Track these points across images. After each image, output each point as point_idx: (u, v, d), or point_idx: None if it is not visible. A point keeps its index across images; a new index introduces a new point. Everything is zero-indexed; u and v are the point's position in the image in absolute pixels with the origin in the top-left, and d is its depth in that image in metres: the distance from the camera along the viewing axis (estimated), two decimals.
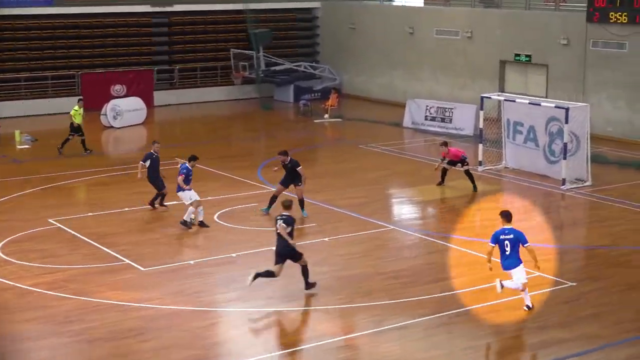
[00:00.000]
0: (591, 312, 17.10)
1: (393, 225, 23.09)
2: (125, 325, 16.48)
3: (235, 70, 45.82)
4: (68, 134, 32.36)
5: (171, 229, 22.64)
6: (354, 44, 46.50)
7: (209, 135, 37.30)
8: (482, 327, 16.38)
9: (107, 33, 43.99)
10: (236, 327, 16.60)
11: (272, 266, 17.99)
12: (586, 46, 35.45)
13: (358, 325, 16.64)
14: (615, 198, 25.72)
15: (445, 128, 36.51)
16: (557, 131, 27.80)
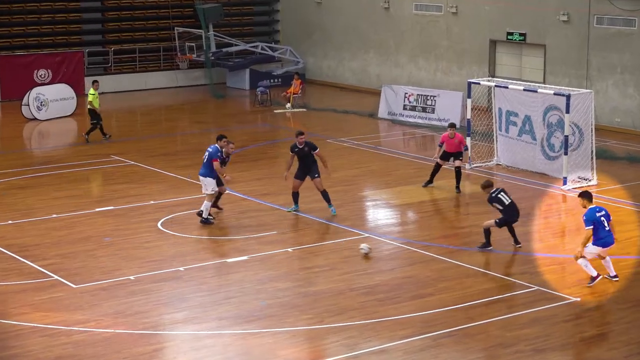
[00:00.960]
0: (596, 331, 17.33)
1: (368, 233, 23.22)
2: (54, 352, 16.43)
3: (181, 53, 45.82)
4: (90, 121, 33.44)
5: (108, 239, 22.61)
6: (321, 21, 46.66)
7: (150, 128, 37.29)
8: (471, 351, 16.54)
9: (28, 9, 43.78)
10: (185, 353, 16.63)
11: None
12: (589, 23, 35.85)
13: (328, 349, 16.74)
14: (624, 199, 26.05)
15: (427, 119, 36.76)
16: (557, 122, 28.10)
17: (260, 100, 41.51)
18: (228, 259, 21.22)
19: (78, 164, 30.39)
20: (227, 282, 19.84)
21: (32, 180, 28.42)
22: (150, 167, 29.55)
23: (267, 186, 26.20)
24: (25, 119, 37.76)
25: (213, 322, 17.80)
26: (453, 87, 39.04)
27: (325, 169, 24.55)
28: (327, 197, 24.44)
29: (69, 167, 29.95)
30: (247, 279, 20.07)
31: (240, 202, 25.58)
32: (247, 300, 18.81)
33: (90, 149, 32.66)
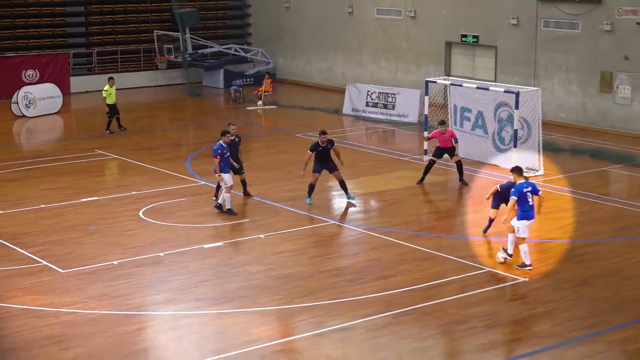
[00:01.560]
0: (543, 309, 17.49)
1: (333, 220, 23.31)
2: (42, 332, 16.41)
3: (160, 54, 45.67)
4: (107, 115, 33.64)
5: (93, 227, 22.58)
6: (290, 24, 46.64)
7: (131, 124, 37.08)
8: (429, 327, 16.67)
9: (17, 13, 43.50)
10: (165, 332, 16.65)
11: None
12: (537, 26, 36.07)
13: (298, 327, 16.81)
14: (567, 188, 26.27)
15: (388, 115, 36.86)
16: (507, 117, 28.28)
17: (233, 98, 41.49)
18: (204, 245, 21.24)
19: (64, 157, 30.28)
20: (204, 266, 19.86)
21: (21, 173, 28.29)
22: (132, 161, 29.49)
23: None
24: (15, 116, 37.54)
25: (191, 303, 17.84)
26: (412, 85, 39.14)
27: (339, 161, 24.64)
28: (345, 187, 24.53)
29: (56, 160, 29.84)
30: (222, 263, 20.11)
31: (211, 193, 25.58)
32: (222, 283, 18.87)
33: (75, 144, 32.54)
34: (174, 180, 27.03)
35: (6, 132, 35.52)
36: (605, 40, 34.21)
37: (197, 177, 27.24)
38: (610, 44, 34.09)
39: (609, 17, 33.95)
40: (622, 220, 23.33)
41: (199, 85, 45.48)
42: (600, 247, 21.26)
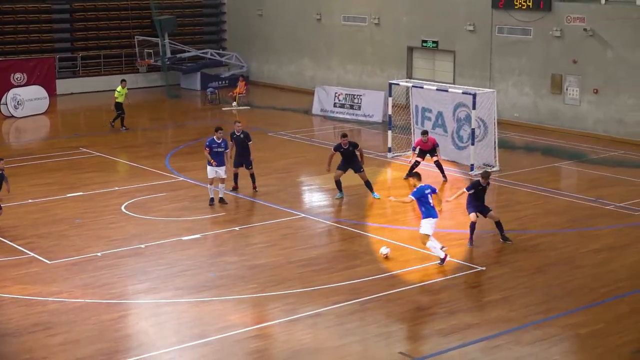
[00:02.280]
0: (500, 296, 17.51)
1: (304, 214, 23.22)
2: (31, 320, 16.23)
3: (140, 58, 45.38)
4: (116, 112, 34.06)
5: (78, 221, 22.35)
6: (262, 30, 46.48)
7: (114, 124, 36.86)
8: (394, 314, 16.63)
9: (5, 20, 43.04)
10: (146, 319, 16.51)
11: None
12: (492, 32, 36.15)
13: (270, 314, 16.73)
14: (522, 182, 26.34)
15: (354, 115, 36.80)
16: (465, 117, 28.31)
17: (210, 100, 41.26)
18: (183, 237, 21.09)
19: (51, 155, 29.99)
20: (183, 257, 19.71)
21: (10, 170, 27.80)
22: (114, 158, 29.24)
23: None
24: (4, 116, 37.16)
25: (170, 292, 17.70)
26: (376, 87, 39.10)
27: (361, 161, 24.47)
28: (370, 186, 24.38)
29: (42, 158, 29.55)
30: (200, 254, 19.98)
31: (193, 187, 25.43)
32: (199, 273, 18.74)
33: (61, 143, 32.24)
34: (154, 177, 26.82)
35: None
36: (556, 45, 34.33)
37: (176, 174, 27.05)
38: (560, 49, 34.22)
39: (558, 24, 34.07)
40: (573, 213, 23.40)
41: (177, 87, 45.22)
42: (553, 237, 21.30)
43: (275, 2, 45.72)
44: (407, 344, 15.68)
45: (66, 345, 15.22)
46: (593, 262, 19.50)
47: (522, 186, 26.00)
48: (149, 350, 15.15)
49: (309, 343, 15.39)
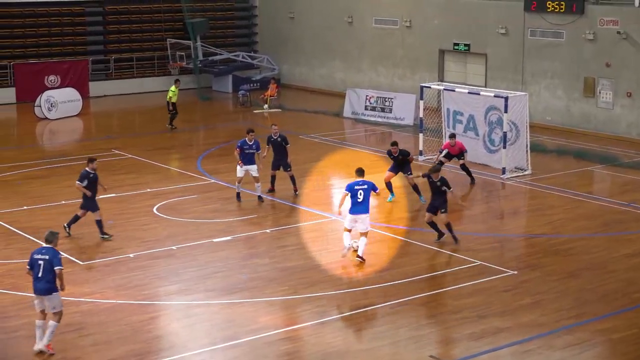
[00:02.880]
0: (531, 300, 17.41)
1: (335, 216, 23.20)
2: (64, 320, 16.26)
3: (172, 61, 45.59)
4: (168, 111, 34.80)
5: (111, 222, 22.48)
6: (293, 33, 46.56)
7: (146, 126, 37.11)
8: (424, 317, 16.60)
9: (40, 22, 43.43)
10: (177, 320, 16.58)
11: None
12: (524, 35, 35.97)
13: (301, 316, 16.74)
14: (554, 186, 26.18)
15: (385, 118, 36.76)
16: (497, 120, 28.18)
17: (241, 102, 41.36)
18: (215, 239, 21.16)
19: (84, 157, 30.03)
20: (214, 259, 19.79)
21: (43, 171, 28.22)
22: (146, 160, 29.39)
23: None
24: (38, 118, 37.46)
25: (202, 293, 17.77)
26: (407, 90, 39.02)
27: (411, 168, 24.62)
28: (418, 190, 24.33)
29: (75, 159, 29.70)
30: (231, 256, 20.04)
31: (225, 190, 25.50)
32: (231, 275, 18.80)
33: (94, 144, 32.45)
34: (186, 179, 26.94)
35: (30, 134, 35.45)
36: (588, 48, 34.10)
37: (207, 176, 27.14)
38: (592, 52, 33.99)
39: (591, 27, 33.84)
40: (605, 217, 23.23)
41: (209, 89, 45.37)
42: (586, 242, 21.16)
43: (306, 5, 45.78)
44: (437, 347, 15.64)
45: (98, 346, 15.33)
46: (626, 267, 19.34)
47: (554, 190, 25.84)
48: (180, 351, 15.21)
49: (339, 346, 15.39)
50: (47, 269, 14.75)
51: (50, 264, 14.76)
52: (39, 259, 14.80)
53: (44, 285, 14.78)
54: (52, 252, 14.89)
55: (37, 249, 15.14)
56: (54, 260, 14.80)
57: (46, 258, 14.78)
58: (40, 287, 14.83)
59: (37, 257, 14.86)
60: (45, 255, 14.83)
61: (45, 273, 14.73)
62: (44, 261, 14.78)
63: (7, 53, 42.33)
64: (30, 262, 14.99)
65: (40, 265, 14.75)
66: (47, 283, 14.77)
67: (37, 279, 14.84)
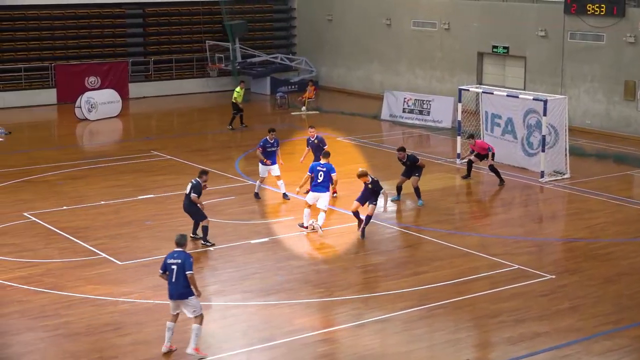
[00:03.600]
0: (569, 305, 17.28)
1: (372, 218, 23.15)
2: (102, 319, 16.49)
3: (211, 62, 45.79)
4: (232, 112, 35.73)
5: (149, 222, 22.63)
6: (331, 35, 46.57)
7: (184, 127, 37.31)
8: (461, 320, 16.53)
9: (81, 24, 43.83)
10: (214, 321, 16.64)
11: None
12: (564, 38, 35.70)
13: (337, 318, 16.74)
14: (593, 190, 25.95)
15: (423, 120, 36.65)
16: (536, 123, 27.99)
17: (279, 104, 41.46)
18: (252, 240, 21.22)
19: (123, 158, 30.42)
20: (251, 260, 19.84)
21: (84, 171, 28.46)
22: (185, 161, 29.54)
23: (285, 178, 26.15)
24: (78, 119, 37.78)
25: (239, 294, 17.83)
26: (446, 93, 38.88)
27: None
28: (419, 194, 24.46)
29: (115, 160, 29.99)
30: (268, 258, 20.08)
31: (262, 191, 25.53)
32: (268, 276, 18.84)
33: (133, 145, 32.70)
34: (223, 180, 27.03)
35: (70, 134, 35.77)
36: (629, 51, 33.77)
37: (245, 177, 27.22)
38: (633, 55, 33.65)
39: (632, 30, 33.51)
40: None
41: (247, 91, 45.43)
42: (625, 246, 20.95)
43: (345, 7, 45.79)
44: (474, 351, 15.56)
45: (136, 346, 15.43)
46: None
47: (593, 194, 25.61)
48: (217, 352, 15.27)
49: (376, 348, 15.37)
50: (180, 273, 14.83)
51: (183, 268, 14.83)
52: (172, 264, 14.88)
53: (179, 289, 14.85)
54: (183, 255, 14.97)
55: (170, 253, 15.12)
56: (186, 264, 14.86)
57: (178, 262, 14.87)
58: (175, 292, 14.91)
59: (170, 261, 14.93)
60: (177, 259, 14.91)
61: (179, 278, 14.80)
62: (176, 265, 14.87)
63: (49, 54, 42.78)
64: (163, 266, 15.08)
65: (174, 270, 14.84)
66: (182, 288, 14.83)
67: (171, 284, 14.93)
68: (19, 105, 40.78)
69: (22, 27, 42.43)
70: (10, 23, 42.17)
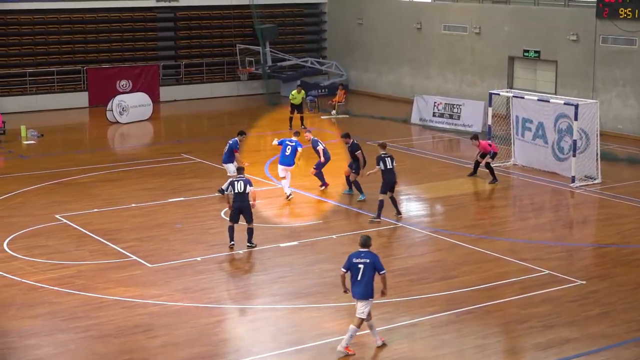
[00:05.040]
0: (599, 311, 17.15)
1: (401, 223, 23.15)
2: (132, 321, 16.58)
3: (242, 66, 45.94)
4: (290, 113, 36.67)
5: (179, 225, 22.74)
6: (362, 39, 46.57)
7: (215, 131, 37.41)
8: (490, 326, 16.46)
9: (113, 28, 44.13)
10: (243, 324, 16.70)
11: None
12: (596, 42, 35.48)
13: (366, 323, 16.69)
14: (624, 196, 25.76)
15: (453, 125, 36.55)
16: (567, 128, 27.84)
17: (309, 108, 41.45)
18: (281, 244, 21.26)
19: (154, 160, 30.60)
20: (280, 264, 19.88)
21: (114, 174, 28.64)
22: (214, 164, 29.63)
23: (314, 182, 26.18)
24: (109, 122, 38.03)
25: (268, 297, 17.86)
26: (476, 97, 38.75)
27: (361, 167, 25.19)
28: (358, 187, 24.95)
29: (146, 163, 30.16)
30: (297, 261, 20.10)
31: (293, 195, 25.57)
32: (297, 280, 18.86)
33: (164, 148, 32.87)
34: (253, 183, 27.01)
35: (101, 137, 36.02)
36: None
37: (274, 181, 27.27)
38: None
39: None
40: None
41: (277, 95, 45.58)
42: None
43: (375, 11, 45.76)
44: (503, 357, 15.49)
45: (166, 348, 15.51)
46: None
47: (624, 199, 25.42)
48: (245, 355, 15.30)
49: (405, 352, 15.34)
50: (366, 272, 14.99)
51: (373, 267, 15.01)
52: (358, 263, 15.01)
53: (363, 289, 15.00)
54: (372, 256, 15.16)
55: (354, 253, 15.22)
56: (377, 264, 15.08)
57: (367, 262, 15.02)
58: (359, 292, 15.05)
59: (356, 261, 15.06)
60: (365, 259, 15.05)
61: (365, 277, 14.96)
62: (364, 265, 15.03)
63: (81, 58, 43.13)
64: (347, 265, 15.19)
65: (360, 269, 14.98)
66: (364, 287, 14.99)
67: (355, 283, 15.08)
68: (52, 108, 41.15)
69: (56, 30, 42.78)
70: (44, 27, 42.54)
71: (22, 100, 40.96)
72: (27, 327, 16.41)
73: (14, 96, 41.06)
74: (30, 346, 15.65)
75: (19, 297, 17.85)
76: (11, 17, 41.60)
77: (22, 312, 17.09)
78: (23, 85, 41.61)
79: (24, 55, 42.11)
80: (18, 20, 41.91)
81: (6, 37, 41.78)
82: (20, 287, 18.34)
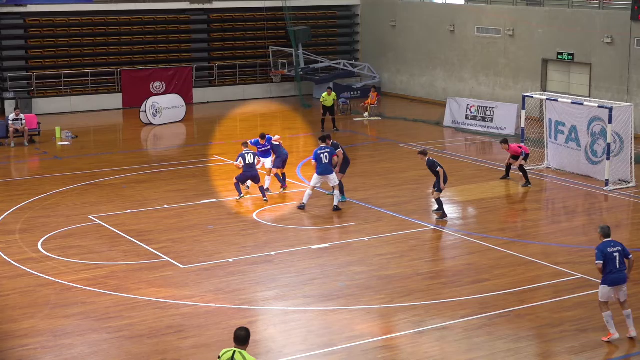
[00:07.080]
0: (634, 315, 16.98)
1: (433, 225, 23.11)
2: (164, 322, 16.67)
3: (274, 68, 46.04)
4: (322, 116, 36.92)
5: (211, 227, 22.83)
6: (395, 42, 46.52)
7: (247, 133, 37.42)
8: (522, 329, 16.37)
9: (147, 30, 44.43)
10: (275, 326, 16.72)
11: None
12: (631, 45, 35.19)
13: (398, 325, 16.70)
14: None
15: (486, 127, 36.41)
16: (600, 131, 27.64)
17: (342, 110, 41.48)
18: (312, 246, 21.28)
19: (187, 162, 30.75)
20: (312, 266, 19.90)
21: (147, 175, 28.82)
22: None
23: (346, 184, 26.17)
24: (143, 124, 38.27)
25: (299, 299, 17.88)
26: (509, 100, 38.59)
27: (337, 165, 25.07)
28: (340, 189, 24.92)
29: (179, 165, 30.31)
30: (329, 263, 20.11)
31: (323, 197, 25.62)
32: (328, 282, 18.87)
33: (196, 150, 33.02)
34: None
35: (135, 139, 36.25)
36: None
37: (307, 183, 27.28)
38: None
39: None
40: None
41: (310, 97, 45.66)
42: None
43: (408, 14, 45.71)
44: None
45: (198, 349, 15.57)
46: None
47: None
48: (277, 356, 15.33)
49: (436, 356, 15.30)
50: (622, 260, 15.87)
51: (624, 254, 15.88)
52: (613, 252, 15.83)
53: (623, 275, 15.83)
54: (620, 244, 16.02)
55: (606, 242, 15.85)
56: (625, 250, 15.96)
57: (619, 249, 15.86)
58: (620, 278, 15.82)
59: (610, 250, 15.84)
60: (616, 247, 15.89)
61: (622, 264, 15.83)
62: (618, 253, 15.85)
63: (115, 60, 43.46)
64: (603, 256, 15.77)
65: (616, 258, 15.79)
66: (622, 272, 15.82)
67: (617, 271, 15.81)
68: (86, 109, 41.51)
69: (90, 32, 43.15)
70: (78, 29, 42.91)
71: (57, 102, 41.36)
72: (61, 327, 16.55)
73: (49, 98, 41.46)
74: (63, 346, 15.78)
75: (53, 297, 18.00)
76: (46, 19, 42.02)
77: (56, 312, 17.25)
78: (58, 87, 41.99)
79: (58, 57, 42.49)
80: (53, 23, 42.30)
81: (42, 39, 42.21)
82: (54, 287, 18.51)
